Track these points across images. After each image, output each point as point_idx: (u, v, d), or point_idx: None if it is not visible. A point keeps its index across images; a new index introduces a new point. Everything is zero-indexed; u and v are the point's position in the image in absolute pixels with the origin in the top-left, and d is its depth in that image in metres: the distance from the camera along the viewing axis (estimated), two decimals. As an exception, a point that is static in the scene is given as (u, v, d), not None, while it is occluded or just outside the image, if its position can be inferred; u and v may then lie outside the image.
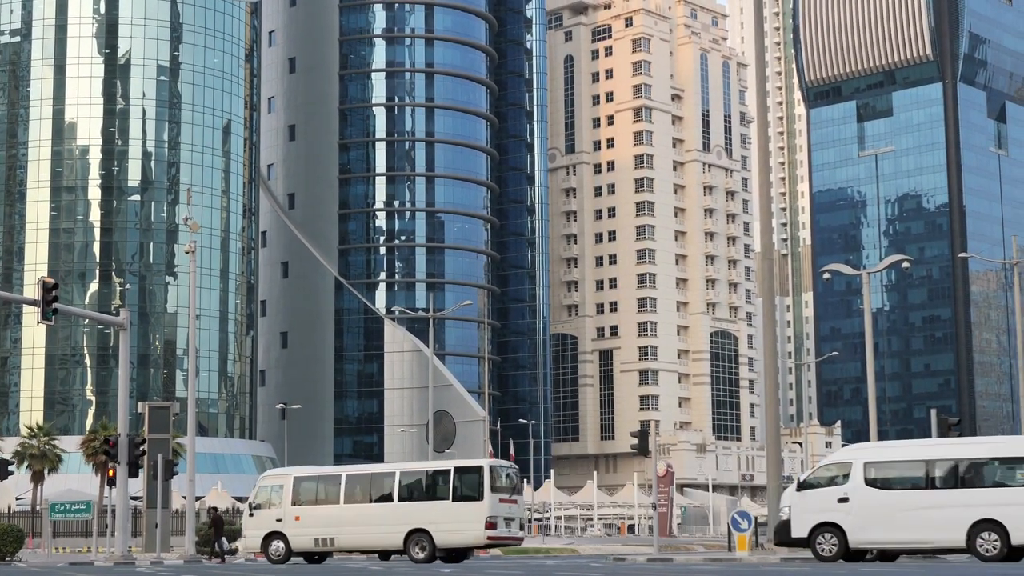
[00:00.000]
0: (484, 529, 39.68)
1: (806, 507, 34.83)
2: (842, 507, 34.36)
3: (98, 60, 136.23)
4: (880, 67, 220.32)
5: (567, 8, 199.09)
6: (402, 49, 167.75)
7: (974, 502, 32.93)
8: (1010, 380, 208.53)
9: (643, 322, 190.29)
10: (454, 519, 40.17)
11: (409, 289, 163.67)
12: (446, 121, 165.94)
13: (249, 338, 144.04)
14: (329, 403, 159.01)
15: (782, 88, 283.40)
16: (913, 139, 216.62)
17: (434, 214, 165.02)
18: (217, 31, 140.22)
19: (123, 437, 47.23)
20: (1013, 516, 32.33)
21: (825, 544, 34.57)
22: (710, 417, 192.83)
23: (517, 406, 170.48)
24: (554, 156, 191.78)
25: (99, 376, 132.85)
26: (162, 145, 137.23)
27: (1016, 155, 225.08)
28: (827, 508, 34.50)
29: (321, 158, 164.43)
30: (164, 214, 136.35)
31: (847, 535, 34.26)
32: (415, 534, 40.45)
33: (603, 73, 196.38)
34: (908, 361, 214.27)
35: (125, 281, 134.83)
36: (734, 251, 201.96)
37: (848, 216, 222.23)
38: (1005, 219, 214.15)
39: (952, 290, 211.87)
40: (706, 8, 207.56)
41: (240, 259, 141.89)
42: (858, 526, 34.16)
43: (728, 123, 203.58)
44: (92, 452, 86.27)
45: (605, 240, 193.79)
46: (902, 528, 33.76)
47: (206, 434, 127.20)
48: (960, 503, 33.12)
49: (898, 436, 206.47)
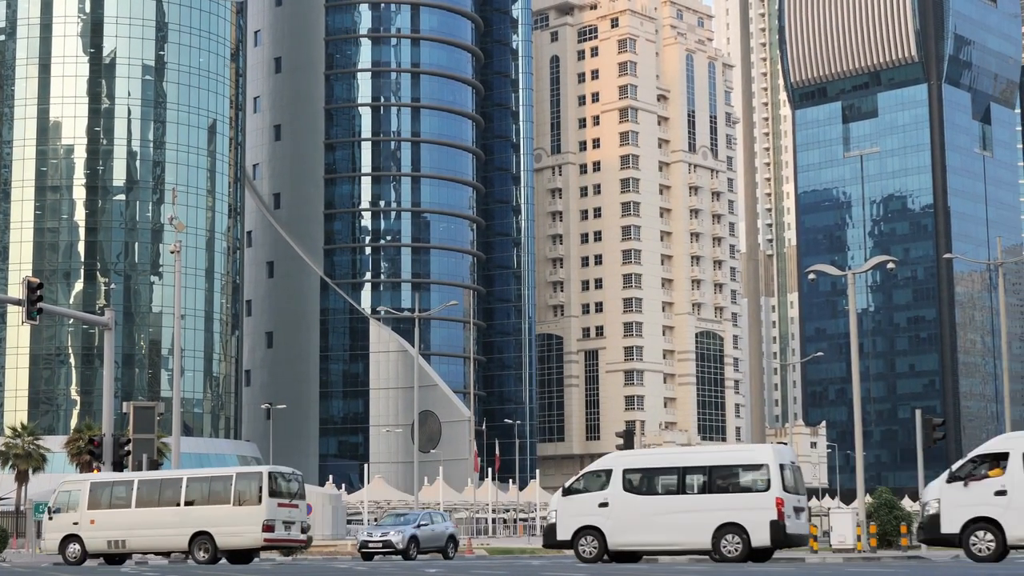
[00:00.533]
0: (262, 532, 41.21)
1: (569, 511, 36.20)
2: (602, 511, 35.77)
3: (83, 59, 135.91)
4: (865, 68, 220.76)
5: (553, 8, 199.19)
6: (388, 49, 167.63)
7: (720, 507, 34.90)
8: (994, 380, 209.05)
9: (628, 322, 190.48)
10: (234, 522, 41.64)
11: (395, 289, 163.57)
12: (432, 121, 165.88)
13: (234, 338, 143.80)
14: (314, 403, 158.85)
15: (768, 89, 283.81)
16: (898, 140, 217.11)
17: (420, 214, 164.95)
18: (203, 30, 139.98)
19: (108, 437, 47.17)
20: (753, 520, 34.35)
21: (587, 546, 35.85)
22: (695, 417, 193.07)
23: (503, 406, 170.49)
24: (540, 156, 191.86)
25: (84, 376, 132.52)
26: (147, 144, 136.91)
27: (1001, 156, 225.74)
28: (589, 512, 35.90)
29: (307, 158, 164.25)
30: (149, 214, 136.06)
31: (607, 538, 35.63)
32: (199, 536, 41.92)
33: (589, 73, 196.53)
34: (893, 362, 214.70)
35: (110, 281, 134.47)
36: (719, 252, 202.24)
37: (833, 217, 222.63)
38: (990, 220, 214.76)
39: (937, 291, 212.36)
40: (692, 9, 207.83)
41: (225, 259, 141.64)
42: (616, 529, 35.59)
43: (714, 124, 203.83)
44: (77, 452, 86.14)
45: (591, 240, 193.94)
46: (656, 531, 35.39)
47: (191, 434, 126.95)
48: (708, 508, 35.03)
49: (883, 436, 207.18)
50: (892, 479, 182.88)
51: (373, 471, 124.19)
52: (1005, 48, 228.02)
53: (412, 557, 52.10)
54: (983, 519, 31.70)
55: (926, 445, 53.51)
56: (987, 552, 31.62)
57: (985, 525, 31.68)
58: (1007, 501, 31.52)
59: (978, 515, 31.74)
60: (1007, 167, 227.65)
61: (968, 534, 31.86)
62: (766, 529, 34.42)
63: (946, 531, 32.34)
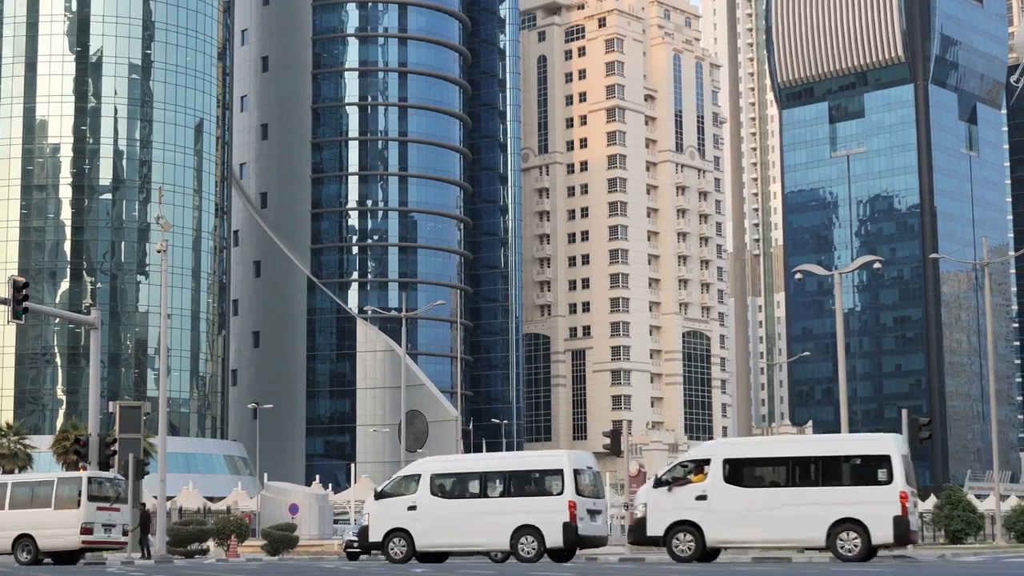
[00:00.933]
0: (80, 534, 42.55)
1: (382, 514, 37.63)
2: (411, 514, 37.20)
3: (69, 58, 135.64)
4: (852, 68, 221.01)
5: (540, 8, 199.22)
6: (375, 48, 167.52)
7: (517, 509, 36.20)
8: (980, 380, 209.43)
9: (615, 322, 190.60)
10: (54, 525, 42.92)
11: (382, 289, 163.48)
12: (419, 121, 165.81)
13: (221, 337, 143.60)
14: (301, 403, 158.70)
15: (755, 89, 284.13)
16: (885, 140, 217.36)
17: (407, 214, 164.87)
18: (189, 29, 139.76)
19: (94, 436, 47.07)
20: (548, 522, 35.54)
21: (396, 548, 37.27)
22: (682, 417, 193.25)
23: (489, 406, 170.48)
24: (527, 156, 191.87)
25: (70, 375, 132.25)
26: (134, 144, 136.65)
27: (987, 157, 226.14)
28: (399, 515, 37.37)
29: (293, 157, 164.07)
30: (136, 213, 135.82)
31: (415, 540, 37.03)
32: (22, 539, 43.21)
33: (576, 73, 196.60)
34: (879, 361, 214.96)
35: (96, 280, 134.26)
36: (706, 251, 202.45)
37: (820, 217, 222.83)
38: (976, 220, 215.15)
39: (923, 291, 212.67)
40: (679, 9, 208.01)
41: (212, 258, 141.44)
42: (423, 531, 37.03)
43: (701, 124, 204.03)
44: (63, 451, 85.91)
45: (578, 240, 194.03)
46: (460, 533, 36.81)
47: (177, 434, 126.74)
48: (506, 510, 36.32)
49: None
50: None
51: (360, 471, 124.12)
52: (991, 48, 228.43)
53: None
54: (685, 522, 33.35)
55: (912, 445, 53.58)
56: (688, 553, 33.17)
57: (686, 528, 33.33)
58: (707, 505, 33.26)
59: (680, 519, 33.42)
60: (993, 167, 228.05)
61: (671, 536, 33.47)
62: (559, 531, 35.67)
63: (651, 533, 33.92)
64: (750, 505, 33.43)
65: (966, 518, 59.08)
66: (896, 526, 32.32)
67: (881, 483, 32.74)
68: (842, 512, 32.54)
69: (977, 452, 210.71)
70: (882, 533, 32.45)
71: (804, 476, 33.42)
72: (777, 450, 35.43)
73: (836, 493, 32.85)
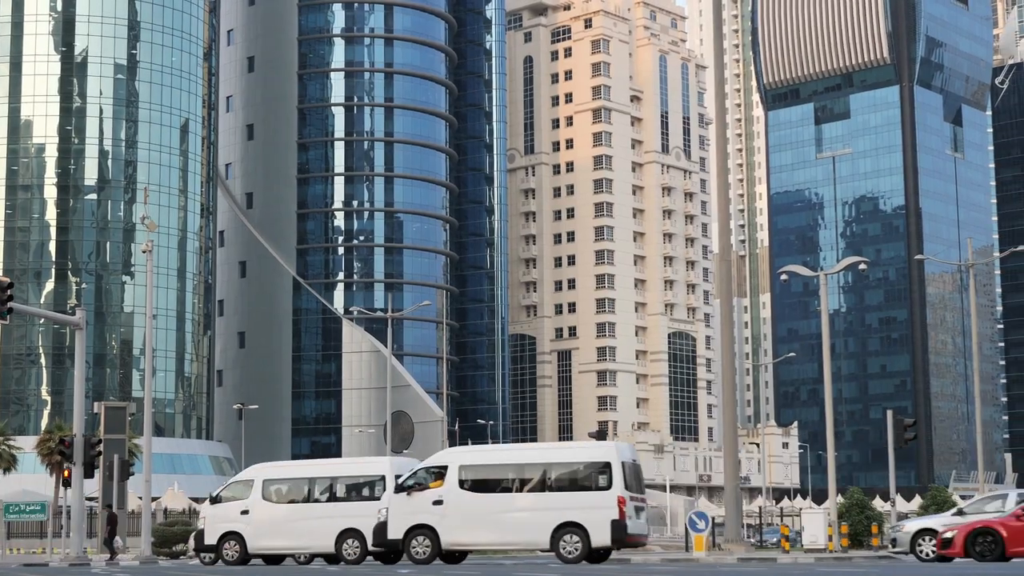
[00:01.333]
0: None
1: (216, 517, 39.32)
2: (244, 518, 38.79)
3: (55, 58, 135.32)
4: (838, 70, 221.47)
5: (527, 9, 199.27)
6: (361, 49, 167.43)
7: (342, 514, 37.80)
8: (965, 381, 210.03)
9: (601, 323, 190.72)
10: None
11: (367, 289, 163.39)
12: (405, 121, 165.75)
13: (206, 338, 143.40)
14: (287, 403, 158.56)
15: (740, 90, 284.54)
16: (870, 141, 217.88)
17: (393, 214, 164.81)
18: (175, 29, 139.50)
19: (79, 437, 46.95)
20: (369, 526, 36.44)
21: (230, 550, 38.83)
22: (668, 418, 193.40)
23: (475, 406, 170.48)
24: (513, 157, 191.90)
25: (55, 376, 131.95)
26: (119, 144, 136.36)
27: (972, 158, 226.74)
28: (231, 519, 38.97)
29: (279, 158, 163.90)
30: (121, 213, 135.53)
31: (246, 542, 38.67)
32: None
33: (562, 74, 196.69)
34: (864, 362, 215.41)
35: (81, 280, 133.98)
36: (692, 252, 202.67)
37: (805, 218, 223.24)
38: (961, 221, 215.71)
39: (908, 292, 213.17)
40: (665, 10, 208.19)
41: (197, 259, 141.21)
42: (255, 534, 38.61)
43: (687, 125, 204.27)
44: (47, 452, 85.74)
45: (564, 241, 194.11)
46: (289, 536, 38.32)
47: (163, 434, 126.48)
48: (332, 515, 38.01)
49: (855, 437, 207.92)
50: (864, 479, 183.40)
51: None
52: (976, 50, 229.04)
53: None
54: (422, 526, 35.23)
55: (897, 445, 53.72)
56: (424, 555, 35.09)
57: (423, 531, 35.17)
58: (443, 510, 35.19)
59: (418, 522, 35.30)
60: (978, 169, 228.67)
61: (409, 539, 35.32)
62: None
63: (392, 537, 35.56)
64: (482, 510, 35.36)
65: (951, 519, 58.96)
66: (614, 529, 33.98)
67: (601, 489, 34.37)
68: (565, 516, 34.26)
69: (962, 453, 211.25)
70: (601, 536, 34.05)
71: (532, 482, 35.39)
72: (507, 458, 37.66)
73: (559, 498, 34.70)
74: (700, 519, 48.21)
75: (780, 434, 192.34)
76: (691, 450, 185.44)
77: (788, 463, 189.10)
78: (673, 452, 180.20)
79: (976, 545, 33.28)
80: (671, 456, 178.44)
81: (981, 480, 73.88)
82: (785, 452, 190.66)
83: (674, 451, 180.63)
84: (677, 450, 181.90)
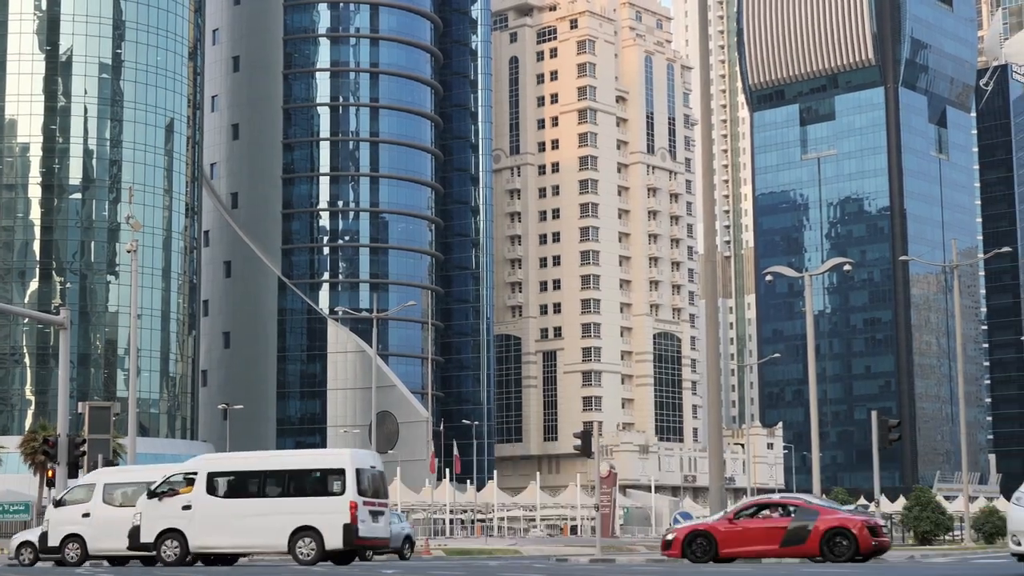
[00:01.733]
0: None
1: (58, 520, 39.89)
2: (85, 521, 39.56)
3: (39, 57, 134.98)
4: (823, 71, 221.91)
5: (512, 9, 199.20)
6: (347, 49, 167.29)
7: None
8: (949, 382, 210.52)
9: (587, 323, 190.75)
10: None
11: (353, 289, 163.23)
12: (391, 121, 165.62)
13: (191, 338, 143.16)
14: (272, 403, 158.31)
15: (726, 91, 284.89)
16: (855, 143, 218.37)
17: (378, 214, 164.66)
18: (160, 29, 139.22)
19: (63, 437, 46.85)
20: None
21: (71, 551, 39.51)
22: (653, 418, 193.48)
23: (460, 407, 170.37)
24: (499, 157, 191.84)
25: (39, 376, 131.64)
26: (104, 143, 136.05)
27: (956, 159, 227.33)
28: (74, 521, 39.62)
29: (265, 157, 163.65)
30: (106, 213, 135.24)
31: (87, 544, 39.49)
32: None
33: (548, 74, 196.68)
34: (849, 363, 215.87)
35: (66, 280, 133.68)
36: (677, 253, 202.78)
37: (790, 219, 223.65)
38: (945, 223, 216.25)
39: (893, 293, 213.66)
40: (651, 11, 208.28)
41: (182, 258, 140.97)
42: (95, 536, 39.39)
43: (672, 125, 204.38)
44: (31, 452, 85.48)
45: (549, 241, 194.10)
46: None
47: (147, 434, 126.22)
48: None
49: (839, 438, 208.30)
50: (848, 480, 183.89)
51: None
52: (961, 52, 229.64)
53: (368, 558, 51.93)
54: (172, 530, 36.72)
55: (882, 446, 53.86)
56: (173, 557, 36.44)
57: (173, 535, 36.69)
58: (191, 515, 36.70)
59: (168, 527, 36.74)
60: (962, 170, 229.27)
61: (160, 542, 36.72)
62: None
63: (144, 540, 36.98)
64: (226, 514, 36.79)
65: (935, 519, 59.46)
66: (345, 533, 35.61)
67: (335, 494, 36.02)
68: (301, 520, 35.92)
69: (946, 454, 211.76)
70: (334, 539, 35.64)
71: (273, 488, 36.92)
72: (252, 465, 38.47)
73: (296, 503, 36.28)
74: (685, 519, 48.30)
75: (765, 435, 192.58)
76: (676, 451, 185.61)
77: (773, 464, 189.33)
78: (658, 452, 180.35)
79: (692, 546, 35.21)
80: (656, 457, 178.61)
81: (965, 481, 74.08)
82: (770, 453, 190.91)
83: (659, 452, 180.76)
84: (662, 450, 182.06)
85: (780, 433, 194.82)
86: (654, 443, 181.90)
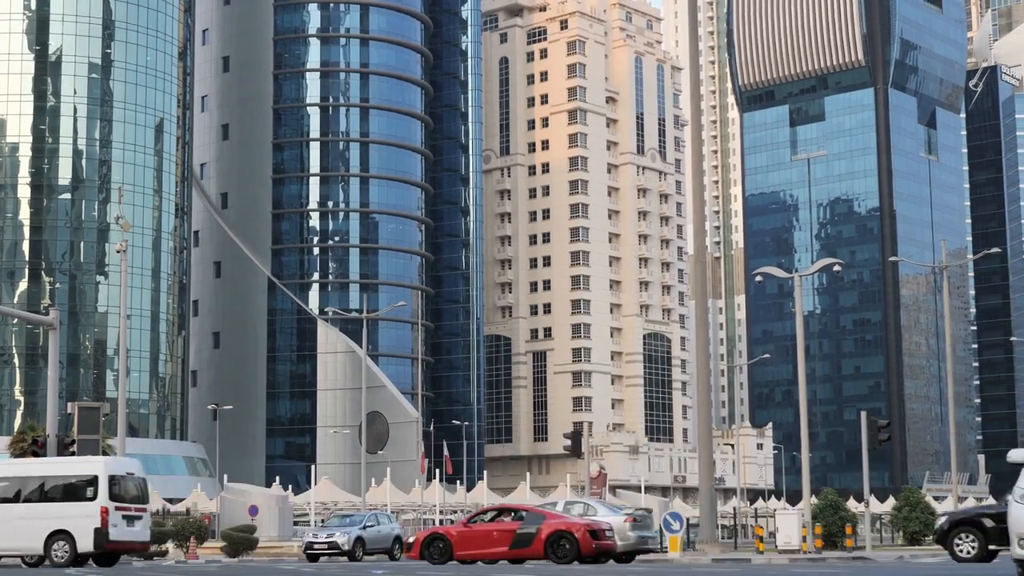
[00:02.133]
0: None
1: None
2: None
3: (28, 56, 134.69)
4: (812, 72, 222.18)
5: (503, 10, 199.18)
6: (337, 49, 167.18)
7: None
8: (939, 383, 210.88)
9: (577, 324, 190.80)
10: None
11: (343, 290, 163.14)
12: (381, 121, 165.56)
13: (181, 338, 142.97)
14: (261, 404, 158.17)
15: (716, 92, 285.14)
16: (845, 144, 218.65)
17: (368, 215, 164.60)
18: (150, 29, 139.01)
19: (52, 438, 46.75)
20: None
21: None
22: (643, 419, 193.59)
23: (451, 407, 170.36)
24: (489, 157, 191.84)
25: (28, 376, 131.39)
26: (93, 143, 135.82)
27: (946, 160, 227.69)
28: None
29: (254, 158, 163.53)
30: (95, 213, 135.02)
31: None
32: None
33: (538, 75, 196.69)
34: (839, 364, 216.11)
35: (55, 280, 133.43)
36: (667, 254, 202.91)
37: (780, 219, 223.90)
38: (935, 223, 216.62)
39: (882, 293, 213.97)
40: (641, 12, 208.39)
41: (172, 259, 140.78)
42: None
43: (662, 126, 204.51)
44: (20, 453, 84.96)
45: (539, 242, 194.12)
46: None
47: (137, 435, 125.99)
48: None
49: (829, 438, 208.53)
50: (838, 480, 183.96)
51: (320, 472, 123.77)
52: (950, 53, 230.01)
53: (358, 558, 51.99)
54: None
55: (871, 446, 53.90)
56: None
57: None
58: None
59: None
60: (952, 171, 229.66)
61: None
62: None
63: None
64: None
65: (924, 520, 59.51)
66: (96, 536, 36.94)
67: (88, 500, 37.36)
68: (56, 525, 37.18)
69: (935, 454, 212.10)
70: (85, 542, 36.94)
71: (32, 494, 38.12)
72: (13, 471, 39.68)
73: (53, 508, 37.57)
74: (675, 520, 48.35)
75: (755, 435, 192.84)
76: (666, 451, 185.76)
77: (763, 464, 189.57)
78: (648, 453, 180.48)
79: (431, 548, 37.44)
80: (646, 457, 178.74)
81: (954, 481, 74.22)
82: (760, 453, 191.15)
83: (649, 452, 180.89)
84: (652, 451, 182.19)
85: (770, 433, 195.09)
86: (644, 444, 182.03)
